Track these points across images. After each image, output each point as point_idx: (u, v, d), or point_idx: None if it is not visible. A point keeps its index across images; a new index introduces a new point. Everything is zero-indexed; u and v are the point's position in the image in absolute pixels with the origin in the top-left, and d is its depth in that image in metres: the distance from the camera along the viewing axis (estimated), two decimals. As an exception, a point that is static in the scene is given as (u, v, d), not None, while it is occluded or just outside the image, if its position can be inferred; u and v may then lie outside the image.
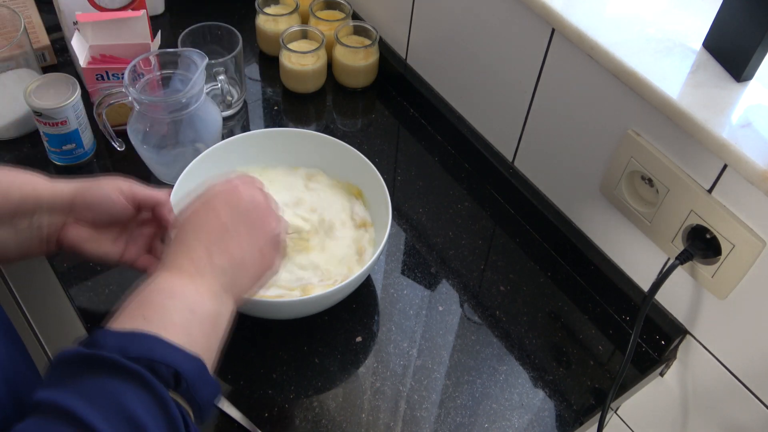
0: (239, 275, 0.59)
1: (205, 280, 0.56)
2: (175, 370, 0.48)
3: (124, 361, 0.46)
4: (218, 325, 0.56)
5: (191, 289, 0.55)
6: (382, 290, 0.87)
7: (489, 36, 0.90)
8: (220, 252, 0.58)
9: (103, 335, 0.49)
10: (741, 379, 0.76)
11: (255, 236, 0.61)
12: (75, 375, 0.46)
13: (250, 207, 0.62)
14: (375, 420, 0.75)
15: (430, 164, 1.02)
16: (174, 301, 0.54)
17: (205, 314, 0.55)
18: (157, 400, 0.46)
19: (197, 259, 0.57)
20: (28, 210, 0.66)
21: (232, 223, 0.60)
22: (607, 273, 0.86)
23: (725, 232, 0.70)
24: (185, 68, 0.88)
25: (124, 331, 0.50)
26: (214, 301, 0.56)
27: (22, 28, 0.93)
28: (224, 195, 0.62)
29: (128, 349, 0.47)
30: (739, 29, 0.67)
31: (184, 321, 0.52)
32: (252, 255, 0.61)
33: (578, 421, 0.78)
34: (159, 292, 0.54)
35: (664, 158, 0.73)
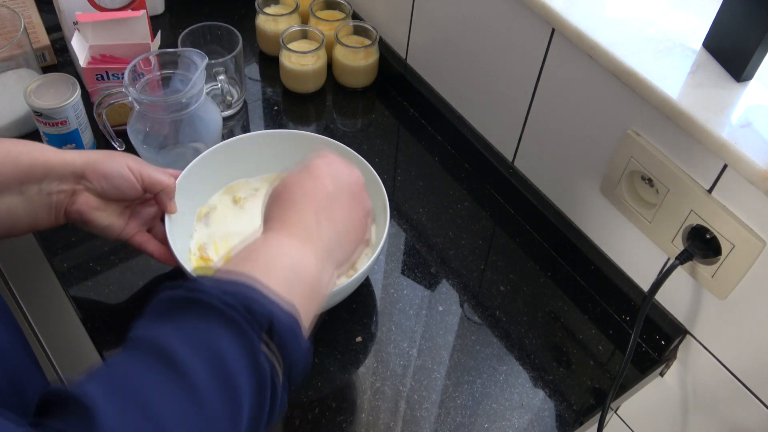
0: (341, 244, 0.60)
1: (312, 244, 0.57)
2: (270, 319, 0.48)
3: (221, 305, 0.46)
4: (318, 290, 0.56)
5: (297, 249, 0.56)
6: (382, 290, 0.87)
7: (489, 36, 0.90)
8: (327, 219, 0.59)
9: (206, 281, 0.49)
10: (741, 379, 0.76)
11: (355, 208, 0.63)
12: (172, 313, 0.47)
13: (350, 180, 0.63)
14: (375, 420, 0.75)
15: (430, 164, 1.02)
16: (279, 257, 0.54)
17: (308, 276, 0.55)
18: (248, 347, 0.46)
19: (306, 222, 0.58)
20: (37, 176, 0.66)
21: (337, 193, 0.61)
22: (607, 273, 0.86)
23: (725, 232, 0.70)
24: (185, 68, 0.88)
25: (226, 278, 0.50)
26: (318, 265, 0.56)
27: (22, 28, 0.93)
28: (326, 165, 0.63)
29: (227, 292, 0.47)
30: (739, 29, 0.67)
31: (286, 277, 0.53)
32: (353, 225, 0.62)
33: (578, 421, 0.78)
34: (266, 247, 0.55)
35: (664, 158, 0.73)
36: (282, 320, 0.48)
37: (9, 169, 0.65)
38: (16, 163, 0.65)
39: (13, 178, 0.66)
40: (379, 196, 0.83)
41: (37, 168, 0.67)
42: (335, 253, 0.59)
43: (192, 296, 0.47)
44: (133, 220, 0.76)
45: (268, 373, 0.47)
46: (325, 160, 0.64)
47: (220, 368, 0.45)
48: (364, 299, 0.84)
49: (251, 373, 0.46)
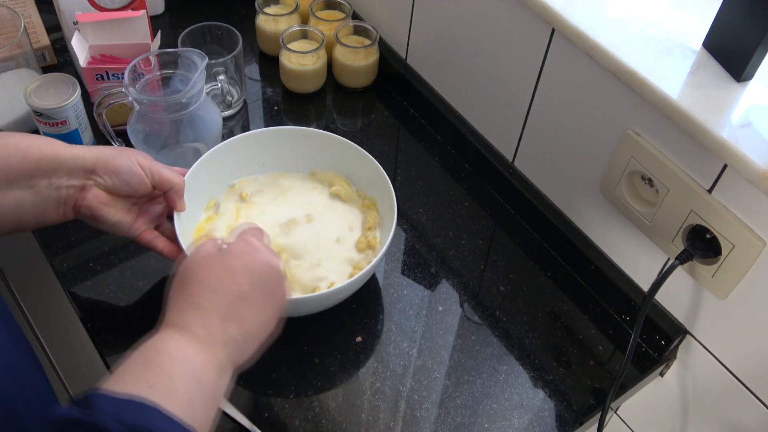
0: (247, 345, 0.59)
1: (216, 350, 0.55)
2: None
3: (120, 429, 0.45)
4: (218, 398, 0.55)
5: (200, 358, 0.54)
6: (382, 290, 0.87)
7: (489, 36, 0.90)
8: (235, 323, 0.57)
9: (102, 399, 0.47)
10: (741, 379, 0.76)
11: (269, 305, 0.61)
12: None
13: (266, 273, 0.61)
14: (375, 420, 0.75)
15: (430, 164, 1.02)
16: (182, 368, 0.52)
17: (210, 386, 0.54)
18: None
19: (211, 326, 0.56)
20: (46, 170, 0.66)
21: (250, 292, 0.59)
22: (607, 273, 0.86)
23: (725, 232, 0.70)
24: (185, 68, 0.88)
25: (125, 398, 0.48)
26: (219, 372, 0.55)
27: (22, 28, 0.93)
28: (244, 259, 0.61)
29: (125, 418, 0.46)
30: (739, 29, 0.67)
31: (188, 392, 0.51)
32: (263, 324, 0.60)
33: (578, 421, 0.78)
34: (168, 356, 0.53)
35: (664, 158, 0.73)
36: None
37: (18, 162, 0.64)
38: (26, 156, 0.65)
39: (22, 171, 0.65)
40: (387, 196, 0.83)
41: (46, 162, 0.66)
42: (240, 354, 0.58)
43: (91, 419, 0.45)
44: (141, 217, 0.75)
45: None
46: (245, 247, 0.61)
47: None
48: (364, 299, 0.84)
49: None
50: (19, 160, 0.64)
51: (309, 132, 0.89)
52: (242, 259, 0.61)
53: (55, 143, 0.68)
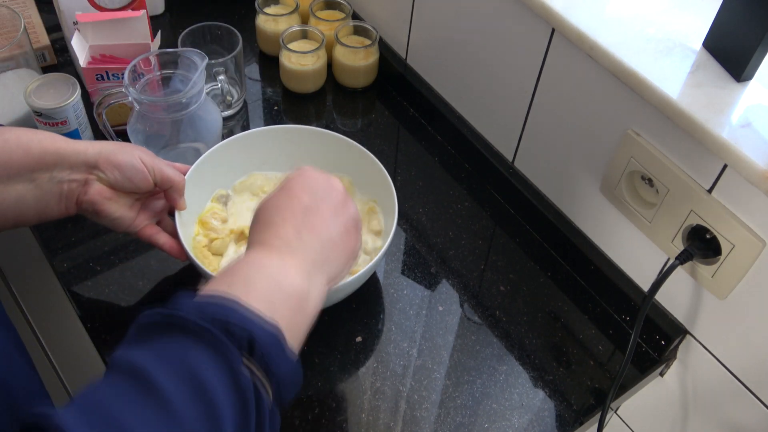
0: (330, 253, 0.59)
1: (296, 257, 0.56)
2: (251, 336, 0.46)
3: (199, 322, 0.46)
4: (305, 304, 0.54)
5: (280, 264, 0.55)
6: (382, 290, 0.87)
7: (489, 36, 0.90)
8: (308, 230, 0.58)
9: (183, 298, 0.48)
10: (741, 379, 0.76)
11: (339, 216, 0.61)
12: (151, 335, 0.47)
13: (328, 189, 0.62)
14: (375, 420, 0.75)
15: (430, 164, 1.02)
16: (261, 272, 0.53)
17: (293, 290, 0.53)
18: (226, 366, 0.45)
19: (286, 236, 0.57)
20: (48, 164, 0.66)
21: (315, 205, 0.60)
22: (607, 273, 0.86)
23: (725, 232, 0.70)
24: (185, 68, 0.88)
25: (208, 296, 0.49)
26: (304, 278, 0.55)
27: (22, 28, 0.93)
28: (300, 180, 0.62)
29: (205, 312, 0.47)
30: (739, 29, 0.67)
31: (267, 291, 0.52)
32: (339, 233, 0.60)
33: (578, 421, 0.78)
34: (247, 264, 0.54)
35: (664, 158, 0.73)
36: (263, 337, 0.47)
37: (19, 156, 0.64)
38: (27, 150, 0.64)
39: (24, 165, 0.64)
40: (389, 195, 0.83)
41: (48, 156, 0.66)
42: (326, 262, 0.58)
43: (168, 318, 0.47)
44: (143, 212, 0.75)
45: (250, 392, 0.45)
46: (300, 175, 0.63)
47: (198, 387, 0.44)
48: (364, 299, 0.84)
49: (231, 391, 0.45)
50: (21, 155, 0.64)
51: (312, 131, 0.89)
52: (299, 182, 0.62)
53: (57, 138, 0.67)
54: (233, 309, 0.48)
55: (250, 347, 0.46)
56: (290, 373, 0.49)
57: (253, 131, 0.88)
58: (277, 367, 0.48)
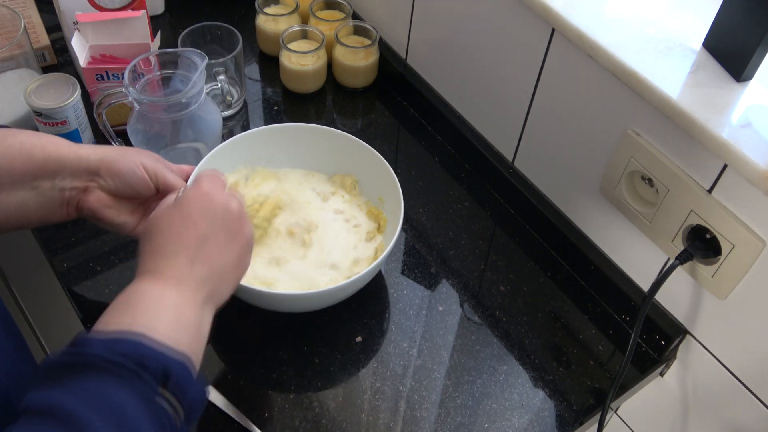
0: (220, 283, 0.60)
1: (189, 290, 0.56)
2: (164, 366, 0.48)
3: (112, 358, 0.46)
4: (201, 333, 0.56)
5: (175, 297, 0.55)
6: (382, 290, 0.87)
7: (489, 36, 0.90)
8: (201, 262, 0.58)
9: (88, 338, 0.49)
10: (741, 379, 0.76)
11: (233, 243, 0.61)
12: (63, 376, 0.47)
13: (225, 214, 0.62)
14: (375, 420, 0.75)
15: (430, 164, 1.02)
16: (159, 306, 0.54)
17: (190, 322, 0.55)
18: (145, 398, 0.47)
19: (179, 268, 0.57)
20: (50, 171, 0.66)
21: (211, 234, 0.60)
22: (607, 273, 0.86)
23: (725, 232, 0.70)
24: (185, 68, 0.88)
25: (111, 332, 0.50)
26: (198, 309, 0.56)
27: (22, 28, 0.93)
28: (199, 203, 0.61)
29: (115, 348, 0.48)
30: (739, 29, 0.67)
31: (169, 326, 0.53)
32: (231, 262, 0.61)
33: (578, 421, 0.78)
34: (144, 297, 0.55)
35: (664, 158, 0.73)
36: (175, 368, 0.49)
37: (21, 163, 0.64)
38: (29, 157, 0.64)
39: (26, 173, 0.64)
40: (396, 197, 0.83)
41: (50, 163, 0.65)
42: (214, 293, 0.59)
43: (79, 357, 0.47)
44: (146, 217, 0.74)
45: (167, 419, 0.47)
46: (199, 196, 0.62)
47: (121, 421, 0.45)
48: (364, 299, 0.84)
49: (151, 422, 0.46)
50: (24, 161, 0.64)
51: (317, 129, 0.89)
52: (197, 204, 0.61)
53: (60, 143, 0.67)
54: (142, 344, 0.49)
55: (164, 378, 0.48)
56: (199, 399, 0.52)
57: (259, 129, 0.88)
58: (189, 395, 0.50)
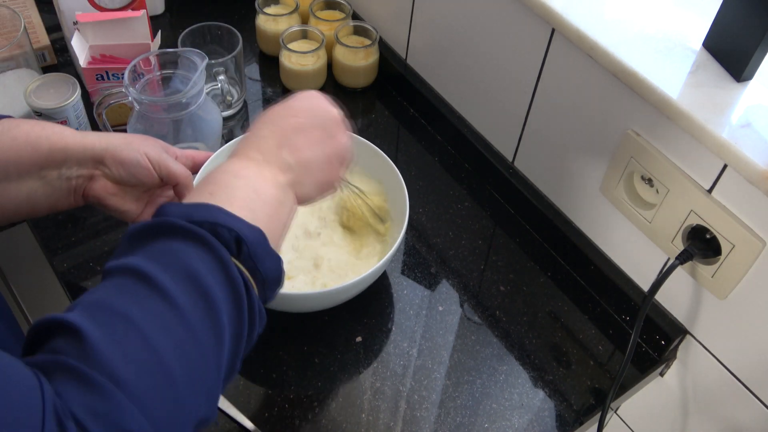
0: (304, 176, 0.60)
1: (271, 170, 0.58)
2: (237, 234, 0.49)
3: (187, 225, 0.48)
4: (280, 211, 0.57)
5: (257, 173, 0.57)
6: (382, 290, 0.87)
7: (489, 36, 0.90)
8: (289, 148, 0.59)
9: (169, 206, 0.50)
10: (741, 379, 0.76)
11: (325, 143, 0.62)
12: (142, 242, 0.48)
13: (326, 116, 0.63)
14: (375, 420, 0.75)
15: (430, 164, 1.02)
16: (239, 180, 0.55)
17: (268, 197, 0.56)
18: (218, 260, 0.48)
19: (266, 149, 0.59)
20: (57, 161, 0.67)
21: (307, 126, 0.61)
22: (607, 273, 0.86)
23: (725, 232, 0.70)
24: (185, 68, 0.88)
25: (189, 203, 0.52)
26: (278, 189, 0.57)
27: (22, 28, 0.93)
28: (303, 99, 0.63)
29: (192, 216, 0.49)
30: (739, 29, 0.67)
31: (247, 198, 0.54)
32: (319, 160, 0.61)
33: (578, 421, 0.78)
34: (225, 172, 0.56)
35: (664, 158, 0.73)
36: (249, 237, 0.50)
37: (28, 154, 0.65)
38: (35, 148, 0.65)
39: (33, 163, 0.65)
40: (401, 199, 0.83)
41: (56, 153, 0.66)
42: (297, 182, 0.60)
43: (158, 224, 0.49)
44: (151, 205, 0.76)
45: (241, 285, 0.48)
46: (308, 97, 0.64)
47: (195, 283, 0.46)
48: (364, 299, 0.84)
49: (225, 286, 0.47)
50: (30, 153, 0.65)
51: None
52: (303, 101, 0.63)
53: (64, 132, 0.68)
54: (218, 212, 0.50)
55: (238, 246, 0.49)
56: (274, 270, 0.52)
57: None
58: (262, 265, 0.51)
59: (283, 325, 0.82)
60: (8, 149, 0.64)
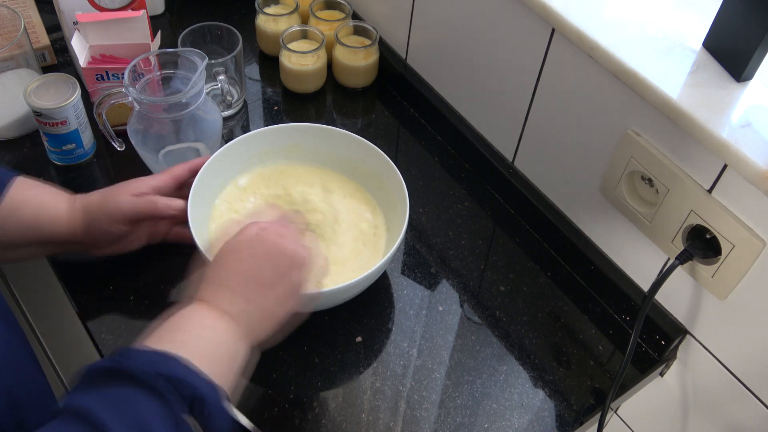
0: (260, 323, 0.62)
1: (232, 320, 0.59)
2: (199, 394, 0.50)
3: (149, 377, 0.49)
4: (236, 364, 0.59)
5: (221, 325, 0.58)
6: (382, 290, 0.87)
7: (489, 36, 0.90)
8: (242, 297, 0.61)
9: (135, 351, 0.52)
10: (741, 379, 0.76)
11: (277, 285, 0.63)
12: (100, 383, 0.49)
13: (275, 257, 0.64)
14: (375, 420, 0.75)
15: (430, 164, 1.02)
16: (206, 332, 0.57)
17: (230, 351, 0.58)
18: (172, 417, 0.48)
19: (222, 299, 0.60)
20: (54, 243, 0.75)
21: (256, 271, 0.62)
22: (607, 273, 0.86)
23: (725, 232, 0.70)
24: (185, 68, 0.88)
25: (157, 350, 0.52)
26: (237, 341, 0.59)
27: (22, 28, 0.93)
28: (252, 241, 0.64)
29: (157, 367, 0.50)
30: (739, 29, 0.67)
31: (212, 353, 0.56)
32: (275, 304, 0.63)
33: (578, 421, 0.78)
34: (193, 320, 0.58)
35: (664, 158, 0.73)
36: (208, 393, 0.51)
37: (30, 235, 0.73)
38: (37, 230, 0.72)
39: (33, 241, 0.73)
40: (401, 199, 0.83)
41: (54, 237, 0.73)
42: (253, 330, 0.61)
43: (118, 368, 0.49)
44: (155, 227, 0.80)
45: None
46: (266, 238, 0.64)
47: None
48: (364, 299, 0.84)
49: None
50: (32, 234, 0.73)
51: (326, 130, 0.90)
52: (249, 241, 0.64)
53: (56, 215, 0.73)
54: (183, 368, 0.51)
55: (192, 403, 0.50)
56: (225, 427, 0.53)
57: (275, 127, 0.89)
58: (213, 423, 0.52)
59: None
60: (14, 230, 0.71)
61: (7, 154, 0.95)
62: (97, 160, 0.96)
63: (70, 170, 0.94)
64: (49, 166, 0.94)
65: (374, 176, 0.88)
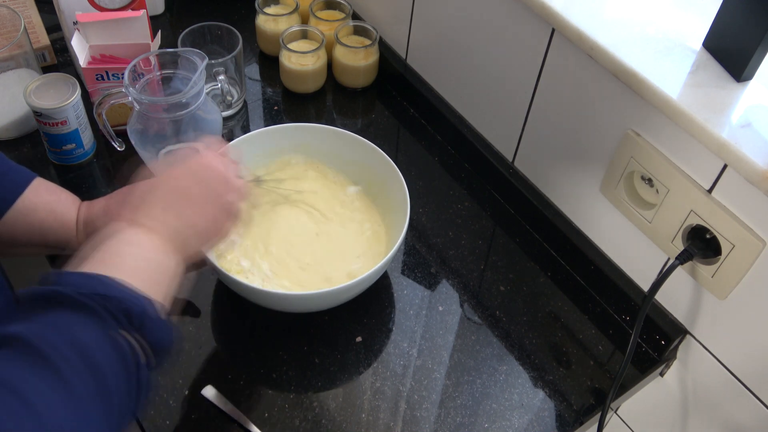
0: (189, 238, 0.63)
1: (159, 236, 0.60)
2: (126, 307, 0.51)
3: (77, 296, 0.50)
4: (168, 277, 0.60)
5: (145, 240, 0.59)
6: (382, 290, 0.87)
7: (489, 36, 0.90)
8: (174, 214, 0.62)
9: (60, 275, 0.52)
10: (741, 379, 0.76)
11: (209, 203, 0.65)
12: (30, 309, 0.50)
13: (208, 175, 0.65)
14: (375, 420, 0.75)
15: (430, 164, 1.02)
16: (130, 248, 0.58)
17: (157, 265, 0.59)
18: (105, 331, 0.49)
19: (153, 216, 0.61)
20: (59, 247, 0.76)
21: (189, 188, 0.64)
22: (607, 273, 0.86)
23: (725, 232, 0.70)
24: (185, 68, 0.88)
25: (89, 273, 0.53)
26: (165, 255, 0.60)
27: (22, 28, 0.93)
28: (185, 162, 0.66)
29: (84, 287, 0.51)
30: (739, 29, 0.67)
31: (137, 267, 0.57)
32: (205, 221, 0.64)
33: (578, 421, 0.78)
34: (116, 239, 0.58)
35: (664, 158, 0.73)
36: (136, 305, 0.52)
37: (37, 240, 0.74)
38: (44, 237, 0.74)
39: (41, 245, 0.75)
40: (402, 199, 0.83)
41: (60, 244, 0.75)
42: (184, 245, 0.62)
43: (49, 293, 0.50)
44: None
45: (129, 354, 0.50)
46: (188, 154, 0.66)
47: (82, 354, 0.47)
48: (364, 299, 0.84)
49: (112, 355, 0.49)
50: (39, 239, 0.74)
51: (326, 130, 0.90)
52: (184, 164, 0.66)
53: (64, 224, 0.74)
54: (108, 284, 0.52)
55: (128, 317, 0.51)
56: (163, 336, 0.54)
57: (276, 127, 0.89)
58: (152, 335, 0.53)
59: (283, 325, 0.82)
60: (21, 233, 0.72)
61: (7, 154, 0.95)
62: (97, 160, 0.96)
63: (70, 170, 0.94)
64: (49, 166, 0.94)
65: (375, 176, 0.88)
